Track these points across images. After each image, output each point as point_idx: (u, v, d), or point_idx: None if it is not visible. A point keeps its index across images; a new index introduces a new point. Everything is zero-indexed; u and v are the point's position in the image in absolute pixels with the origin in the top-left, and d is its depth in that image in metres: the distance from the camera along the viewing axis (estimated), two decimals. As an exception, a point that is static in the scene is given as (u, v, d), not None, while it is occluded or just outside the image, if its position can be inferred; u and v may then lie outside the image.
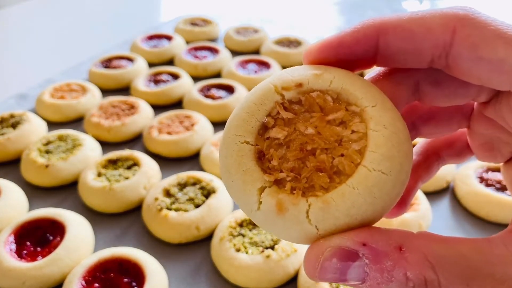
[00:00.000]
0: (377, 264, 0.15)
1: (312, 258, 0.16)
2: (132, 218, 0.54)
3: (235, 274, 0.43)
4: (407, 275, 0.15)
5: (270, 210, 0.16)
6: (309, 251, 0.16)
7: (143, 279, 0.42)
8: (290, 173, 0.17)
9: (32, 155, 0.58)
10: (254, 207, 0.17)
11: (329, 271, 0.16)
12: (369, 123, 0.17)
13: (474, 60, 0.17)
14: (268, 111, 0.18)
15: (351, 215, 0.16)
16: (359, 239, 0.15)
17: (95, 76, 0.81)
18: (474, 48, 0.16)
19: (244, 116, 0.18)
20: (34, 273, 0.43)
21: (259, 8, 1.25)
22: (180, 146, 0.62)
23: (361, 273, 0.15)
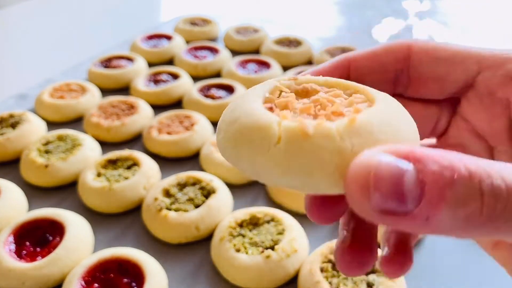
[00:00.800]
0: (434, 165, 0.12)
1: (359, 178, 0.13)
2: (131, 218, 0.53)
3: (235, 274, 0.43)
4: (469, 168, 0.12)
5: (294, 134, 0.14)
6: (352, 171, 0.13)
7: (142, 279, 0.42)
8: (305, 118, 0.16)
9: (31, 155, 0.58)
10: (274, 140, 0.14)
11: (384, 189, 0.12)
12: (369, 92, 0.18)
13: (432, 61, 0.20)
14: (269, 90, 0.18)
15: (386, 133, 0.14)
16: (406, 146, 0.13)
17: (94, 76, 0.81)
18: (429, 53, 0.20)
19: (249, 90, 0.18)
20: (34, 273, 0.43)
21: (259, 7, 1.25)
22: (180, 146, 0.62)
23: (418, 183, 0.12)
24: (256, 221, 0.48)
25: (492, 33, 1.06)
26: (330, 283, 0.40)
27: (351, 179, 0.13)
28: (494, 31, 1.08)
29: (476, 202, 0.12)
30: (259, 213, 0.48)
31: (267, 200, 0.55)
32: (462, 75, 0.20)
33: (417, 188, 0.12)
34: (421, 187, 0.12)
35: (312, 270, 0.41)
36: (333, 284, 0.40)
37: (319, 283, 0.40)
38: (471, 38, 1.03)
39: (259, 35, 0.96)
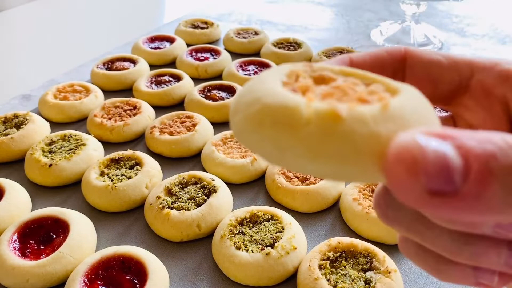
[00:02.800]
0: (473, 140, 0.12)
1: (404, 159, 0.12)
2: (134, 216, 0.54)
3: (235, 272, 0.44)
4: (506, 139, 0.12)
5: (325, 118, 0.13)
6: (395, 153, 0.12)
7: (145, 277, 0.42)
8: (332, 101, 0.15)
9: (35, 155, 0.59)
10: (303, 122, 0.13)
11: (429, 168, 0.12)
12: (388, 82, 0.17)
13: (426, 63, 0.21)
14: (285, 74, 0.17)
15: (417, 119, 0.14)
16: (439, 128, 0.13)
17: (97, 77, 0.82)
18: (422, 55, 0.21)
19: (263, 74, 0.17)
20: (38, 271, 0.44)
21: (259, 10, 1.26)
22: (182, 146, 0.63)
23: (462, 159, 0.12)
24: (256, 219, 0.48)
25: (488, 36, 1.07)
26: (329, 279, 0.41)
27: (394, 161, 0.12)
28: (491, 34, 1.08)
29: None
30: (259, 211, 0.49)
31: (266, 199, 0.56)
32: (456, 77, 0.21)
33: (462, 164, 0.12)
34: (465, 163, 0.12)
35: (311, 267, 0.42)
36: (331, 280, 0.41)
37: (317, 280, 0.40)
38: (468, 41, 1.04)
39: (259, 37, 0.97)
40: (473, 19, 1.17)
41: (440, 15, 1.20)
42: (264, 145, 0.14)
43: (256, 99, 0.14)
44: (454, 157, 0.12)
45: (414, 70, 0.21)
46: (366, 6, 1.27)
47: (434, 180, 0.12)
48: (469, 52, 0.98)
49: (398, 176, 0.12)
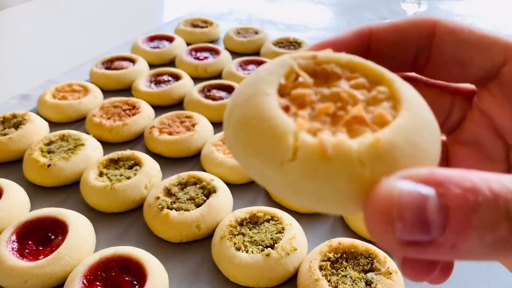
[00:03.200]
0: (457, 189, 0.12)
1: (379, 209, 0.12)
2: (133, 217, 0.54)
3: (235, 273, 0.44)
4: (493, 191, 0.12)
5: (312, 154, 0.13)
6: (372, 202, 0.12)
7: (144, 278, 0.42)
8: (324, 125, 0.14)
9: (34, 155, 0.59)
10: (288, 156, 0.13)
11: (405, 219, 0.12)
12: (393, 84, 0.16)
13: (456, 42, 0.19)
14: (284, 73, 0.16)
15: (408, 155, 0.13)
16: (426, 169, 0.12)
17: (96, 77, 0.82)
18: (454, 33, 0.19)
19: (261, 75, 0.16)
20: (36, 271, 0.44)
21: (259, 9, 1.26)
22: (181, 146, 0.62)
23: (441, 209, 0.12)
24: (256, 220, 0.48)
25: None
26: (329, 281, 0.41)
27: (372, 210, 0.12)
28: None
29: (504, 225, 0.12)
30: (259, 212, 0.49)
31: (267, 199, 0.56)
32: (487, 62, 0.18)
33: (441, 214, 0.12)
34: (445, 213, 0.12)
35: (311, 268, 0.42)
36: (332, 282, 0.41)
37: (318, 281, 0.40)
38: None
39: (259, 36, 0.97)
40: (474, 18, 1.17)
41: (441, 14, 1.19)
42: (251, 169, 0.14)
43: (247, 118, 0.14)
44: (433, 209, 0.12)
45: (442, 51, 0.19)
46: (367, 5, 1.26)
47: (411, 232, 0.12)
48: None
49: (375, 226, 0.12)
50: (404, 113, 0.15)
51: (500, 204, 0.12)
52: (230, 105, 0.16)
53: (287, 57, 0.17)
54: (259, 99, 0.15)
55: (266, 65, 0.17)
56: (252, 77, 0.16)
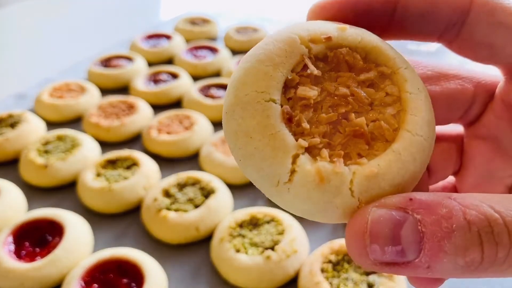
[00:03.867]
0: (432, 215, 0.13)
1: (357, 232, 0.13)
2: (131, 218, 0.53)
3: (235, 275, 0.43)
4: (468, 218, 0.12)
5: (307, 180, 0.14)
6: (350, 227, 0.14)
7: (142, 280, 0.42)
8: (323, 139, 0.15)
9: (30, 155, 0.58)
10: (284, 178, 0.14)
11: (381, 243, 0.13)
12: (404, 85, 0.16)
13: (493, 25, 0.17)
14: (292, 65, 0.15)
15: (396, 185, 0.14)
16: (405, 195, 0.13)
17: (94, 76, 0.81)
18: (492, 13, 0.17)
19: (266, 69, 0.15)
20: (33, 274, 0.43)
21: (258, 7, 1.25)
22: (180, 146, 0.62)
23: (416, 235, 0.13)
24: (256, 221, 0.48)
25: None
26: (331, 283, 0.40)
27: (349, 234, 0.14)
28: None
29: (476, 250, 0.12)
30: (259, 213, 0.48)
31: (267, 200, 0.55)
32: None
33: (416, 239, 0.13)
34: (419, 238, 0.12)
35: (312, 271, 0.41)
36: (333, 284, 0.40)
37: (319, 284, 0.40)
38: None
39: (258, 34, 0.96)
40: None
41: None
42: (248, 176, 0.16)
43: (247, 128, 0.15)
44: (408, 234, 0.13)
45: (474, 31, 0.17)
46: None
47: (385, 255, 0.13)
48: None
49: (351, 248, 0.14)
50: (404, 135, 0.15)
51: (473, 231, 0.12)
52: (232, 97, 0.15)
53: (297, 38, 0.16)
54: (263, 107, 0.15)
55: (274, 46, 0.16)
56: (257, 63, 0.15)
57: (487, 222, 0.12)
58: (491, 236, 0.12)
